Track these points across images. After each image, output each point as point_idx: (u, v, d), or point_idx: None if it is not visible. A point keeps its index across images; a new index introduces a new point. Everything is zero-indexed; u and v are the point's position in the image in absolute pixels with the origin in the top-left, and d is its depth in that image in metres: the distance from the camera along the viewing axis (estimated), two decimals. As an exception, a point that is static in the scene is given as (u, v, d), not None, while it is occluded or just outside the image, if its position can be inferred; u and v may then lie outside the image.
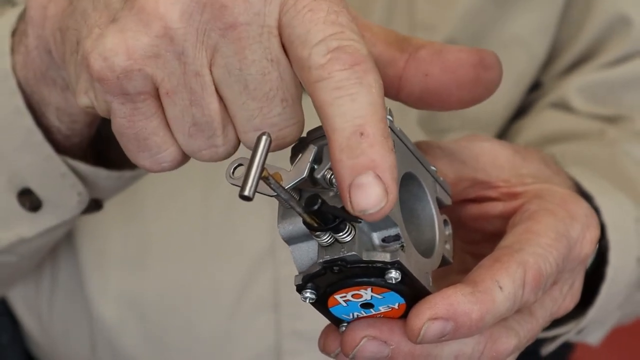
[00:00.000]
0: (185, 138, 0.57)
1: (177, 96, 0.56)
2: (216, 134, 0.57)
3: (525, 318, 0.62)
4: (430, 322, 0.56)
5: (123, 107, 0.57)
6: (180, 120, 0.57)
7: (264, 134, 0.53)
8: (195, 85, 0.56)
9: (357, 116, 0.52)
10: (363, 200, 0.52)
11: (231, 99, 0.56)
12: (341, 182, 0.52)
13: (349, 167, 0.52)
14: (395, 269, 0.55)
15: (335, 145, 0.52)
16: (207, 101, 0.56)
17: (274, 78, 0.55)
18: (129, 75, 0.55)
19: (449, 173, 0.65)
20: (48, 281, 0.95)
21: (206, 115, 0.56)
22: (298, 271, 0.58)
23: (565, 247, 0.61)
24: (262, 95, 0.55)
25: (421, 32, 0.93)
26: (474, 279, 0.58)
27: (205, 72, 0.55)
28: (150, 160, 0.59)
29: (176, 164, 0.59)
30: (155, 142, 0.58)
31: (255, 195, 0.52)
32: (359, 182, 0.52)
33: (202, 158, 0.59)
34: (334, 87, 0.52)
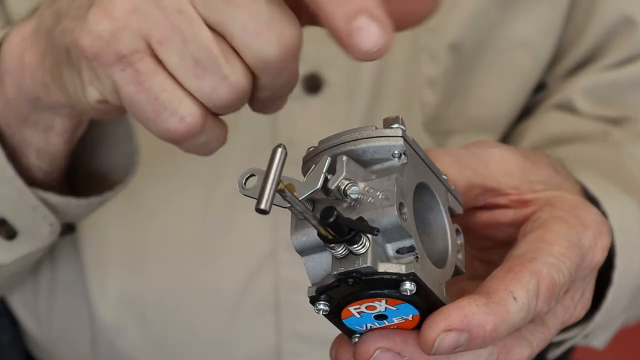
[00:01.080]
0: (193, 82, 0.58)
1: (170, 41, 0.57)
2: (219, 62, 0.58)
3: (538, 328, 0.62)
4: (445, 333, 0.56)
5: (125, 74, 0.58)
6: (181, 64, 0.58)
7: (279, 146, 0.52)
8: (182, 23, 0.57)
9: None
10: (365, 41, 0.54)
11: (221, 19, 0.57)
12: (339, 33, 0.54)
13: (342, 16, 0.54)
14: (410, 281, 0.55)
15: (323, 1, 0.54)
16: (198, 33, 0.57)
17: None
18: (117, 36, 0.57)
19: (459, 180, 0.64)
20: (47, 283, 0.95)
21: (203, 47, 0.57)
22: (311, 282, 0.57)
23: (578, 255, 0.61)
24: (249, 0, 0.56)
25: (425, 35, 0.92)
26: (488, 289, 0.58)
27: (186, 7, 0.57)
28: (171, 120, 0.59)
29: (198, 118, 0.59)
30: (167, 98, 0.59)
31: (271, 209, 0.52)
32: (356, 26, 0.54)
33: (220, 99, 0.59)
34: None
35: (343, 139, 0.58)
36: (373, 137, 0.57)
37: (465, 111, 0.97)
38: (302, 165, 0.59)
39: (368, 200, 0.55)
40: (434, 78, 0.94)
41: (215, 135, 0.62)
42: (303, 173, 0.59)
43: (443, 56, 0.93)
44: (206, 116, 0.60)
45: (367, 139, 0.57)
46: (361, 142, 0.57)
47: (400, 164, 0.57)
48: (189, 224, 0.92)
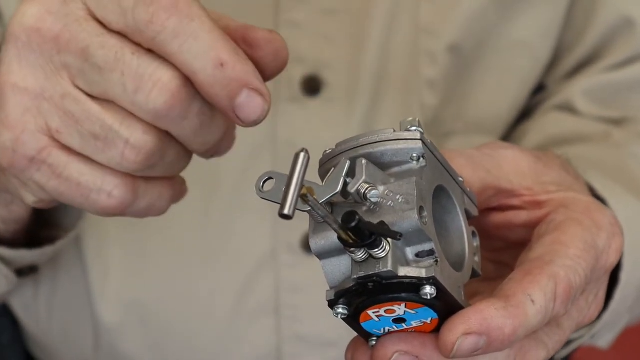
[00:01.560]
0: (101, 156, 0.60)
1: (66, 127, 0.59)
2: (115, 129, 0.59)
3: (554, 330, 0.62)
4: (464, 337, 0.56)
5: (42, 173, 0.61)
6: (85, 144, 0.60)
7: (302, 151, 0.52)
8: (70, 106, 0.59)
9: (208, 51, 0.57)
10: (251, 115, 0.58)
11: (101, 88, 0.58)
12: (226, 112, 0.58)
13: (225, 96, 0.57)
14: (430, 285, 0.55)
15: (205, 85, 0.57)
16: (87, 109, 0.59)
17: (112, 43, 0.58)
18: (19, 142, 0.60)
19: (473, 182, 0.64)
20: (48, 284, 0.94)
21: (95, 121, 0.59)
22: (329, 286, 0.57)
23: (593, 257, 0.61)
24: (114, 61, 0.58)
25: (425, 37, 0.92)
26: (506, 292, 0.58)
27: (70, 89, 0.59)
28: (100, 198, 0.61)
29: (125, 187, 0.61)
30: (88, 180, 0.61)
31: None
32: (240, 102, 0.58)
33: (131, 163, 0.60)
34: (173, 37, 0.56)
35: (361, 141, 0.57)
36: (391, 139, 0.57)
37: (465, 112, 0.97)
38: (319, 168, 0.59)
39: (388, 203, 0.55)
40: (433, 79, 0.94)
41: (158, 196, 0.63)
42: (320, 175, 0.58)
43: (442, 58, 0.93)
44: (134, 182, 0.62)
45: (385, 141, 0.57)
46: (379, 144, 0.57)
47: (419, 167, 0.57)
48: (189, 226, 0.92)
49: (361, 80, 0.92)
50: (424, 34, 0.93)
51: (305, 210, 0.54)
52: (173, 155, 0.62)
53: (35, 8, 0.59)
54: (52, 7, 0.59)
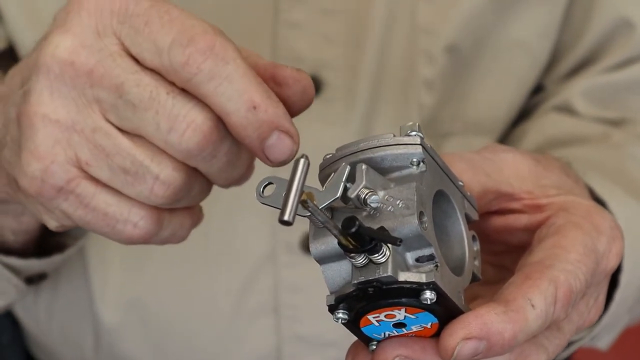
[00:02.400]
0: (130, 190, 0.60)
1: (96, 160, 0.60)
2: (145, 165, 0.59)
3: (554, 334, 0.62)
4: (464, 341, 0.56)
5: (69, 202, 0.61)
6: (114, 177, 0.60)
7: (302, 157, 0.52)
8: (101, 140, 0.59)
9: (242, 93, 0.57)
10: (280, 156, 0.59)
11: (134, 125, 0.59)
12: (256, 151, 0.59)
13: (257, 137, 0.58)
14: (431, 290, 0.55)
15: (238, 126, 0.58)
16: (118, 144, 0.59)
17: (147, 81, 0.58)
18: (49, 172, 0.60)
19: (474, 186, 0.64)
20: (48, 284, 0.95)
21: (126, 156, 0.59)
22: (329, 291, 0.57)
23: (594, 261, 0.61)
24: (149, 100, 0.58)
25: (423, 37, 0.92)
26: (506, 297, 0.58)
27: (101, 123, 0.59)
28: (126, 229, 0.61)
29: (150, 219, 0.62)
30: (115, 211, 0.61)
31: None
32: (270, 144, 0.58)
33: (160, 198, 0.60)
34: (208, 79, 0.57)
35: (361, 146, 0.57)
36: (391, 144, 0.57)
37: (463, 113, 0.96)
38: (319, 173, 0.59)
39: (388, 209, 0.55)
40: (431, 80, 0.94)
41: (180, 225, 0.64)
42: (320, 180, 0.58)
43: (440, 58, 0.93)
44: (159, 214, 0.62)
45: (385, 146, 0.57)
46: (380, 149, 0.57)
47: (419, 172, 0.57)
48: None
49: (360, 80, 0.92)
50: (422, 34, 0.93)
51: (305, 216, 0.54)
52: (198, 188, 0.62)
53: (69, 40, 0.59)
54: (86, 40, 0.59)
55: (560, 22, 0.97)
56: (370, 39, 0.92)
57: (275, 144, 0.58)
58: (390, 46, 0.92)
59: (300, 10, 0.91)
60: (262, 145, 0.58)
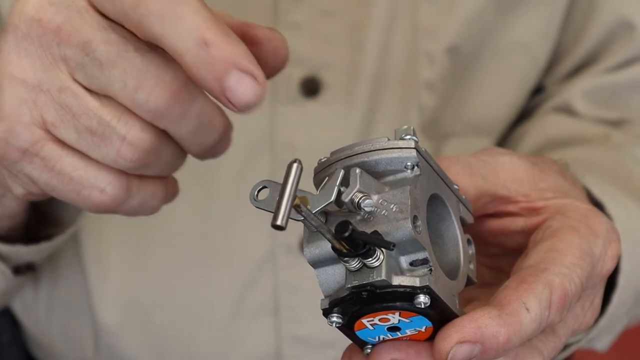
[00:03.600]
0: (97, 152, 0.59)
1: (62, 120, 0.58)
2: (112, 125, 0.58)
3: (549, 337, 0.62)
4: (458, 345, 0.56)
5: (34, 165, 0.60)
6: (80, 139, 0.59)
7: (295, 161, 0.52)
8: (67, 99, 0.58)
9: (192, 30, 0.54)
10: (242, 98, 0.54)
11: (101, 84, 0.57)
12: (215, 94, 0.55)
13: (213, 78, 0.54)
14: (425, 294, 0.55)
15: (191, 67, 0.54)
16: (85, 105, 0.58)
17: (115, 38, 0.57)
18: (13, 133, 0.59)
19: (470, 189, 0.64)
20: (48, 284, 0.95)
21: (92, 116, 0.58)
22: (324, 295, 0.57)
23: (589, 265, 0.61)
24: (118, 57, 0.57)
25: (424, 38, 0.92)
26: (501, 300, 0.58)
27: (68, 83, 0.58)
28: (92, 194, 0.60)
29: (118, 184, 0.60)
30: (82, 175, 0.60)
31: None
32: (229, 85, 0.54)
33: (127, 160, 0.59)
34: (157, 19, 0.55)
35: (355, 150, 0.57)
36: (386, 148, 0.57)
37: (463, 114, 0.96)
38: (313, 176, 0.59)
39: (382, 213, 0.55)
40: (432, 81, 0.94)
41: (151, 194, 0.63)
42: (314, 184, 0.58)
43: (441, 59, 0.93)
44: (128, 180, 0.61)
45: (379, 150, 0.57)
46: (374, 153, 0.57)
47: (413, 176, 0.56)
48: (188, 227, 0.92)
49: (360, 82, 0.92)
50: (423, 36, 0.92)
51: (298, 220, 0.54)
52: (169, 154, 0.61)
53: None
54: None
55: (561, 23, 0.97)
56: (371, 40, 0.92)
57: (235, 85, 0.54)
58: (391, 48, 0.92)
59: (300, 11, 0.91)
60: (222, 87, 0.54)
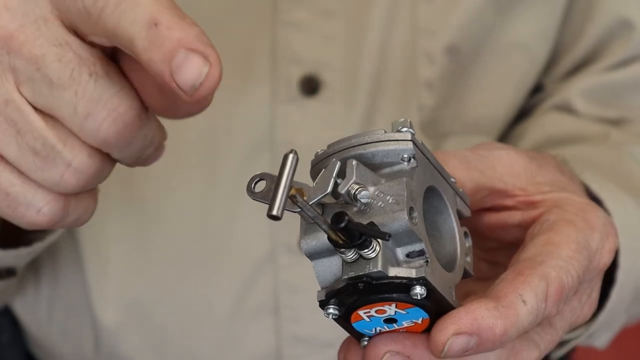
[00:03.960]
0: (38, 174, 0.55)
1: (4, 134, 0.55)
2: (57, 150, 0.55)
3: (546, 330, 0.62)
4: (455, 337, 0.56)
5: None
6: (21, 157, 0.55)
7: (291, 152, 0.52)
8: (12, 113, 0.54)
9: (144, 13, 0.51)
10: (187, 77, 0.51)
11: (49, 104, 0.54)
12: (164, 78, 0.51)
13: (160, 59, 0.51)
14: (421, 285, 0.55)
15: (140, 51, 0.51)
16: (30, 122, 0.54)
17: (70, 58, 0.54)
18: None
19: (467, 183, 0.64)
20: (48, 284, 0.95)
21: (37, 136, 0.54)
22: (320, 287, 0.57)
23: (586, 258, 0.61)
24: (69, 79, 0.53)
25: (422, 38, 0.92)
26: (497, 293, 0.58)
27: (14, 95, 0.54)
28: (28, 213, 0.57)
29: (56, 205, 0.57)
30: (19, 192, 0.56)
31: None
32: (175, 64, 0.51)
33: (70, 186, 0.56)
34: (113, 8, 0.52)
35: (352, 142, 0.57)
36: (382, 140, 0.57)
37: (462, 113, 0.97)
38: (310, 169, 0.59)
39: (378, 204, 0.55)
40: (431, 80, 0.94)
41: (84, 210, 0.59)
42: (312, 176, 0.58)
43: (440, 58, 0.93)
44: (66, 200, 0.57)
45: (376, 142, 0.57)
46: (370, 145, 0.57)
47: (410, 168, 0.57)
48: (188, 227, 0.92)
49: (359, 81, 0.92)
50: (422, 35, 0.93)
51: (295, 211, 0.54)
52: (108, 172, 0.58)
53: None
54: (10, 1, 0.54)
55: (560, 22, 0.97)
56: (370, 39, 0.92)
57: (182, 63, 0.51)
58: (390, 47, 0.93)
59: (300, 10, 0.91)
60: (169, 68, 0.51)
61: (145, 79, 0.55)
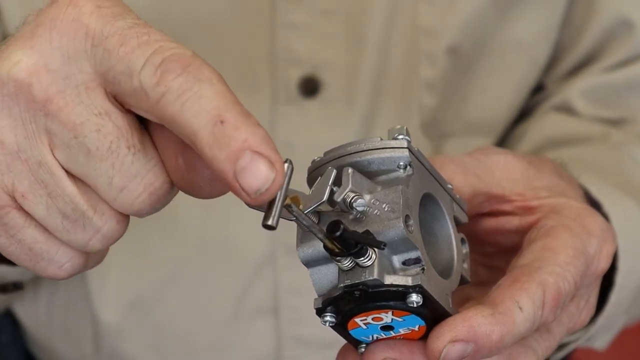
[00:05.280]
0: (64, 235, 0.55)
1: (33, 195, 0.54)
2: (88, 216, 0.54)
3: (543, 336, 0.62)
4: (451, 344, 0.56)
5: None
6: (49, 218, 0.55)
7: (287, 161, 0.52)
8: (44, 176, 0.53)
9: (211, 109, 0.50)
10: (253, 182, 0.50)
11: (83, 172, 0.53)
12: (226, 177, 0.50)
13: (225, 158, 0.50)
14: (417, 293, 0.55)
15: (204, 145, 0.50)
16: (62, 187, 0.54)
17: (110, 129, 0.52)
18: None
19: (464, 188, 0.64)
20: (48, 286, 0.95)
21: (68, 202, 0.54)
22: (317, 294, 0.57)
23: (583, 263, 0.61)
24: (107, 151, 0.52)
25: (424, 38, 0.92)
26: (494, 299, 0.58)
27: (48, 158, 0.53)
28: (50, 268, 0.56)
29: (77, 261, 0.56)
30: (42, 249, 0.56)
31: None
32: (241, 166, 0.50)
33: (95, 248, 0.56)
34: (176, 96, 0.50)
35: (348, 150, 0.57)
36: (378, 148, 0.57)
37: (463, 113, 0.97)
38: (307, 176, 0.59)
39: (374, 212, 0.55)
40: (432, 81, 0.94)
41: (100, 257, 0.59)
42: (308, 183, 0.58)
43: (441, 59, 0.93)
44: (87, 256, 0.57)
45: (372, 150, 0.57)
46: (366, 153, 0.57)
47: (406, 175, 0.57)
48: (189, 228, 0.92)
49: (360, 82, 0.92)
50: (423, 36, 0.92)
51: (290, 220, 0.54)
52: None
53: (32, 60, 0.52)
54: (52, 63, 0.53)
55: (560, 22, 0.97)
56: (370, 40, 0.92)
57: (247, 166, 0.50)
58: (391, 47, 0.92)
59: (299, 11, 0.91)
60: (233, 168, 0.50)
61: (174, 154, 0.54)
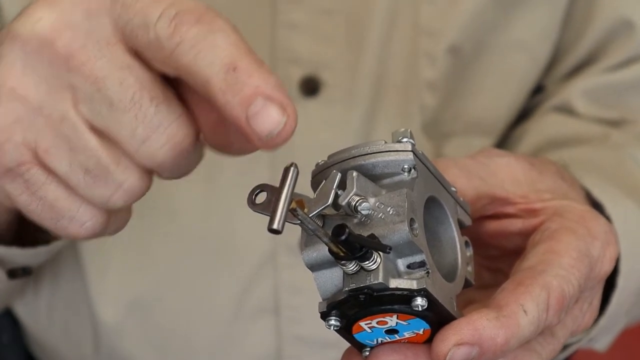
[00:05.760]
0: (87, 191, 0.55)
1: (56, 150, 0.55)
2: (110, 170, 0.55)
3: (547, 339, 0.62)
4: (456, 347, 0.56)
5: (15, 185, 0.56)
6: (71, 173, 0.55)
7: (292, 165, 0.52)
8: (67, 131, 0.54)
9: (224, 57, 0.52)
10: (265, 125, 0.52)
11: (107, 124, 0.54)
12: (238, 121, 0.52)
13: (238, 103, 0.52)
14: (422, 297, 0.55)
15: (217, 91, 0.52)
16: (85, 141, 0.54)
17: (132, 82, 0.54)
18: (1, 150, 0.55)
19: (468, 191, 0.64)
20: (48, 286, 0.95)
21: (91, 156, 0.54)
22: (322, 298, 0.57)
23: (587, 266, 0.61)
24: (130, 102, 0.53)
25: (425, 38, 0.92)
26: (499, 303, 0.58)
27: (70, 113, 0.54)
28: (71, 226, 0.57)
29: (99, 220, 0.57)
30: (63, 206, 0.56)
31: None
32: (253, 111, 0.51)
33: (117, 205, 0.56)
34: (190, 46, 0.52)
35: (352, 153, 0.57)
36: (383, 151, 0.57)
37: (464, 114, 0.96)
38: (311, 179, 0.59)
39: (379, 216, 0.55)
40: (433, 81, 0.94)
41: (123, 221, 0.60)
42: (312, 187, 0.58)
43: (442, 59, 0.93)
44: (109, 215, 0.58)
45: (376, 153, 0.57)
46: (371, 156, 0.57)
47: (410, 179, 0.57)
48: (189, 227, 0.92)
49: (360, 81, 0.92)
50: (424, 35, 0.92)
51: (295, 223, 0.54)
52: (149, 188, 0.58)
53: (54, 17, 0.54)
54: (74, 19, 0.54)
55: (561, 22, 0.96)
56: (371, 39, 0.92)
57: (260, 111, 0.51)
58: (391, 47, 0.92)
59: (299, 10, 0.91)
60: (246, 113, 0.51)
61: (204, 110, 0.55)
